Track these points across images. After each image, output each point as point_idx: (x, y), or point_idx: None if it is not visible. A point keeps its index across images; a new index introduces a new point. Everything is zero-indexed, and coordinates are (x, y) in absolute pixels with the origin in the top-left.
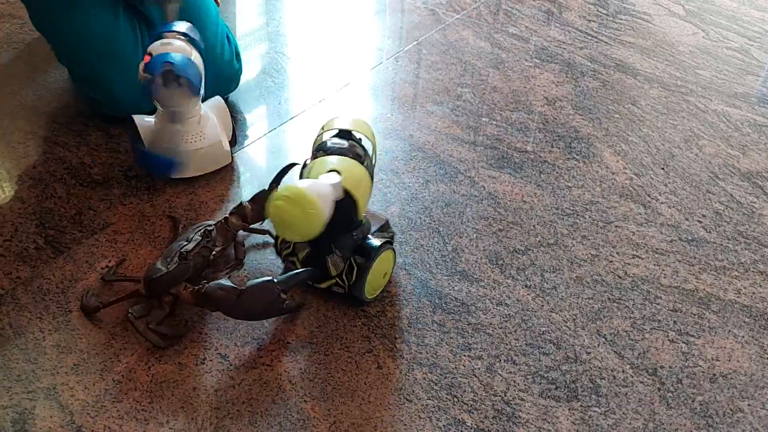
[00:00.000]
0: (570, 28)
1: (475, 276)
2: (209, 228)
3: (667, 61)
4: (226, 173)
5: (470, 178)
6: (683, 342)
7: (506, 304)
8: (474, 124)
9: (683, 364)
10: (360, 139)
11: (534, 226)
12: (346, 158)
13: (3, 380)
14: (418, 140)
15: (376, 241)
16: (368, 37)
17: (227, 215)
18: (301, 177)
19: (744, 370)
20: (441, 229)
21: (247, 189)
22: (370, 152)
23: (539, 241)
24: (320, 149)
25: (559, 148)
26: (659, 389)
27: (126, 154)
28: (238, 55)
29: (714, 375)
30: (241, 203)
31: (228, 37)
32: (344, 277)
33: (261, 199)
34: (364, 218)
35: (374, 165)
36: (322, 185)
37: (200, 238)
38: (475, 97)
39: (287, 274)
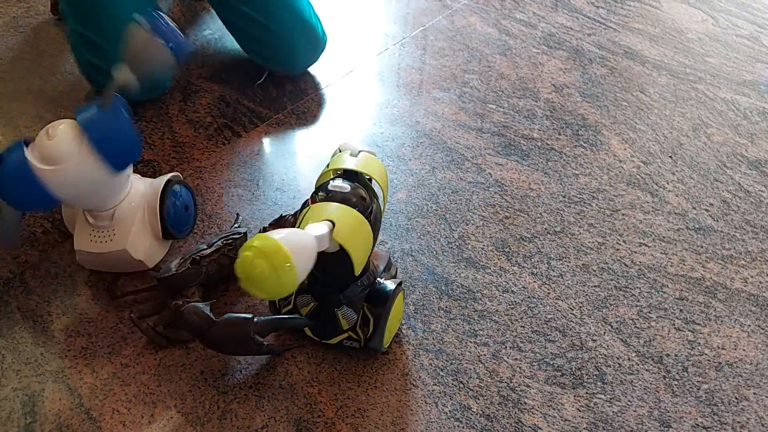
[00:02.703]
0: (578, 15)
1: (481, 263)
2: (236, 236)
3: (675, 48)
4: (232, 158)
5: (477, 165)
6: (689, 330)
7: (512, 291)
8: (481, 110)
9: (689, 352)
10: (368, 179)
11: (541, 213)
12: (344, 207)
13: (12, 363)
14: (425, 127)
15: (389, 284)
16: (374, 22)
17: (265, 227)
18: (295, 222)
19: (750, 359)
20: (448, 216)
21: (253, 174)
22: (379, 194)
23: (546, 229)
24: (321, 191)
25: (567, 136)
26: (665, 377)
27: None
28: (323, 30)
29: (720, 363)
30: (281, 216)
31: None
32: (358, 330)
33: (285, 221)
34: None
35: (383, 209)
36: (303, 236)
37: (221, 244)
38: (482, 83)
39: (269, 317)
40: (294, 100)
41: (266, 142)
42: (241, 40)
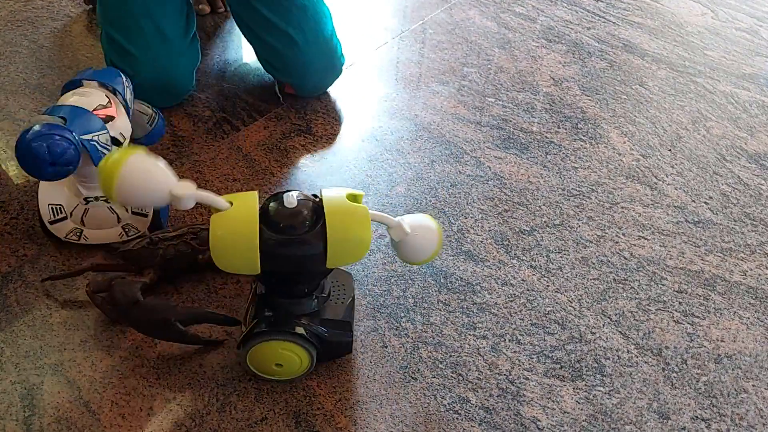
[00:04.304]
0: (577, 8)
1: (480, 256)
2: (204, 228)
3: (675, 41)
4: (231, 152)
5: (476, 158)
6: (688, 323)
7: (511, 284)
8: (480, 104)
9: (688, 344)
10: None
11: (540, 206)
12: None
13: (11, 356)
14: (424, 120)
15: (294, 327)
16: (373, 16)
17: None
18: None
19: (749, 351)
20: (447, 209)
21: (252, 168)
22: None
23: (545, 222)
24: (273, 198)
25: (566, 129)
26: (664, 369)
27: None
28: (342, 53)
29: (719, 356)
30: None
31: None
32: (247, 322)
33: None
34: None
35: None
36: (155, 169)
37: (185, 232)
38: (480, 77)
39: (195, 309)
40: (293, 95)
41: (265, 136)
42: (256, 46)
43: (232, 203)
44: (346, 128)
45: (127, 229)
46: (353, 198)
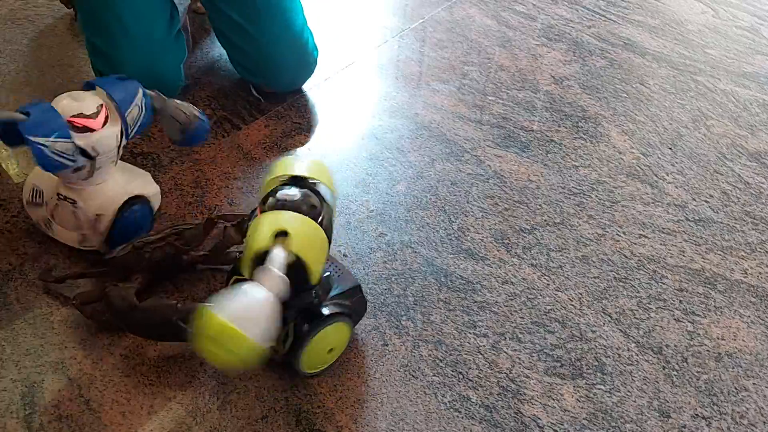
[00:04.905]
0: (578, 6)
1: (480, 255)
2: (187, 227)
3: (675, 40)
4: (232, 151)
5: (476, 157)
6: (689, 321)
7: (512, 282)
8: (480, 102)
9: (688, 343)
10: (315, 184)
11: (540, 205)
12: (298, 216)
13: (12, 354)
14: (424, 119)
15: (326, 309)
16: (373, 14)
17: (227, 224)
18: (244, 233)
19: (749, 350)
20: (447, 207)
21: (253, 167)
22: (328, 199)
23: (545, 221)
24: (270, 200)
25: (566, 128)
26: (664, 368)
27: None
28: (316, 46)
29: (719, 354)
30: (209, 219)
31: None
32: (281, 342)
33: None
34: (324, 278)
35: (334, 214)
36: (255, 302)
37: (168, 233)
38: (481, 75)
39: (190, 304)
40: (293, 93)
41: (266, 135)
42: (228, 49)
43: (285, 231)
44: (346, 127)
45: (84, 239)
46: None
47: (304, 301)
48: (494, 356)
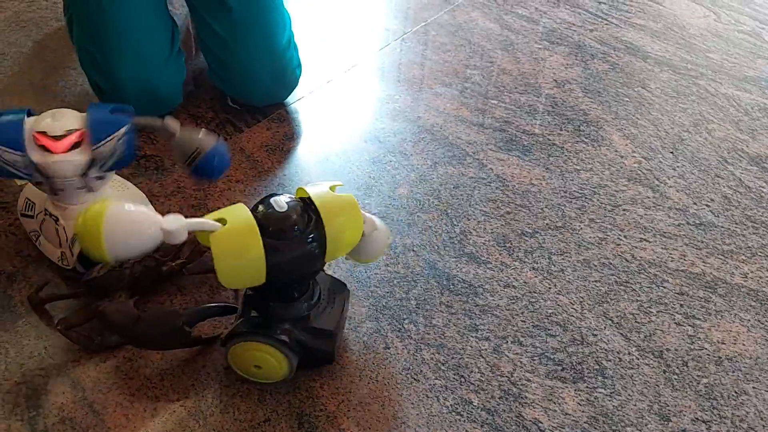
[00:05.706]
0: (580, 10)
1: (482, 258)
2: None
3: (677, 44)
4: (234, 154)
5: (478, 160)
6: (689, 325)
7: (513, 286)
8: (482, 106)
9: (689, 346)
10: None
11: (542, 209)
12: (245, 210)
13: (16, 357)
14: (426, 122)
15: (277, 331)
16: (376, 17)
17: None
18: None
19: (749, 354)
20: (449, 211)
21: (255, 170)
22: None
23: (547, 224)
24: (261, 204)
25: (568, 131)
26: (665, 371)
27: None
28: (300, 63)
29: (719, 358)
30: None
31: (294, 45)
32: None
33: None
34: (318, 289)
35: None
36: (144, 217)
37: None
38: (483, 79)
39: (196, 308)
40: (295, 96)
41: (268, 138)
42: (208, 59)
43: (223, 220)
44: (348, 130)
45: (62, 257)
46: (333, 190)
47: (291, 314)
48: (496, 360)
